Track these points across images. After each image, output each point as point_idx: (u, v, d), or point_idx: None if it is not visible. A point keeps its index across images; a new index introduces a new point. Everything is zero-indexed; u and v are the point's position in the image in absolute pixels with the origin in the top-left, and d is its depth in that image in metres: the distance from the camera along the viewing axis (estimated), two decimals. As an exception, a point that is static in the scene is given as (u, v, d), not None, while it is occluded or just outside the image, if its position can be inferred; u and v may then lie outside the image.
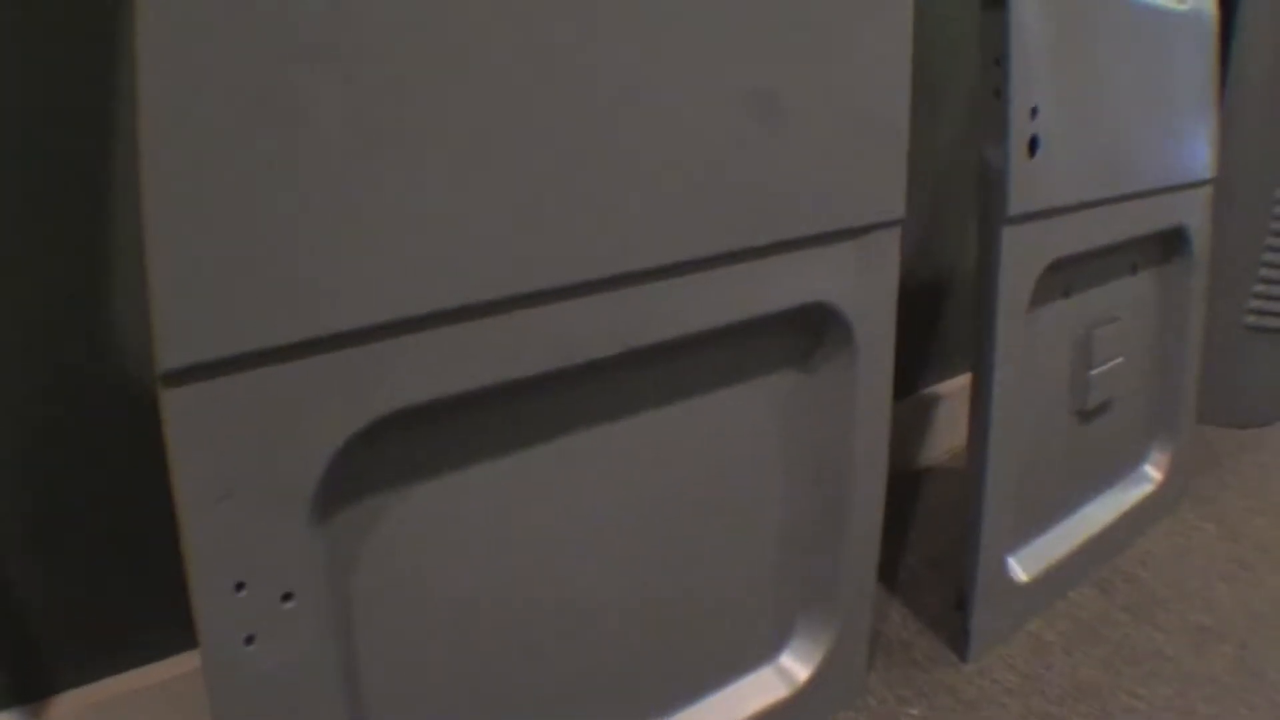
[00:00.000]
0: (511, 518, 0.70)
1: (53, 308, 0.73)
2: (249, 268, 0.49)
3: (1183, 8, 1.25)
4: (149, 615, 0.84)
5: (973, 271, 1.52)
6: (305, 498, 0.55)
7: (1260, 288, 1.72)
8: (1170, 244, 1.33)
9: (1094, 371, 1.20)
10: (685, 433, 0.79)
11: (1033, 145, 0.96)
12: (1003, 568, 1.13)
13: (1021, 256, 0.99)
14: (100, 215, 0.74)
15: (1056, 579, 1.23)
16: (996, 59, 0.94)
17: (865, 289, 0.84)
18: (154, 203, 0.46)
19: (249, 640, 0.55)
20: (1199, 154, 1.33)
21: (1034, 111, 0.96)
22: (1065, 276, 1.12)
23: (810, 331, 0.85)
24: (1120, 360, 1.25)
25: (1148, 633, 1.23)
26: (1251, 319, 1.73)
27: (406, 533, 0.65)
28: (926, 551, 1.37)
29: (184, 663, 0.87)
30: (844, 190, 0.80)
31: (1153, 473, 1.41)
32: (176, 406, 0.49)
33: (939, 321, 1.47)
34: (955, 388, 1.62)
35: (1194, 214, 1.33)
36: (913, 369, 1.55)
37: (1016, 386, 1.03)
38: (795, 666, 0.97)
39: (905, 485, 1.57)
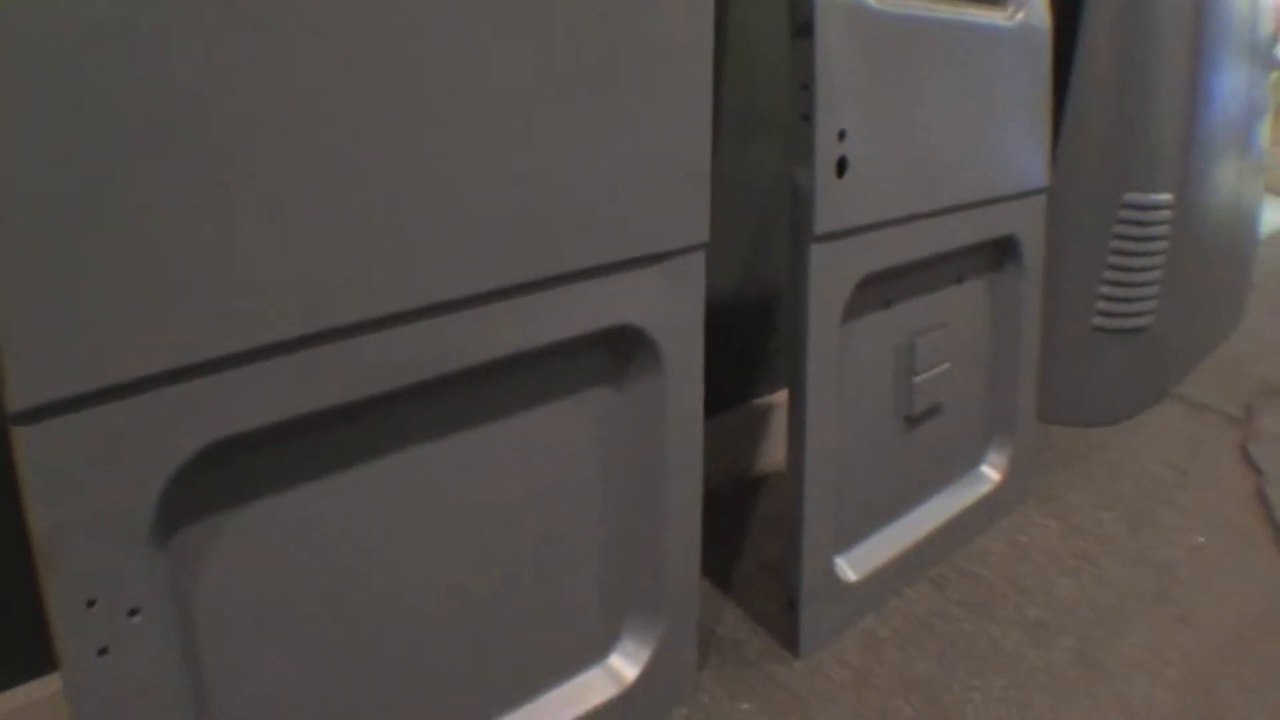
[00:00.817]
0: (341, 533, 0.83)
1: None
2: (81, 320, 0.62)
3: (1010, 23, 1.43)
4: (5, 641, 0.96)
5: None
6: (145, 520, 0.68)
7: (1105, 289, 1.92)
8: (1001, 252, 1.51)
9: (918, 378, 1.38)
10: (505, 448, 0.94)
11: (841, 166, 1.13)
12: (830, 568, 1.30)
13: (831, 273, 1.15)
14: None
15: (889, 577, 1.40)
16: (804, 84, 1.09)
17: (671, 310, 1.00)
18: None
19: (102, 652, 0.68)
20: (1030, 164, 1.51)
21: (842, 134, 1.12)
22: (885, 288, 1.29)
23: (620, 351, 1.00)
24: (946, 366, 1.43)
25: (984, 627, 1.41)
26: (1098, 320, 1.94)
27: (244, 549, 0.77)
28: (761, 555, 1.53)
29: (44, 686, 0.99)
30: (646, 218, 0.95)
31: (991, 473, 1.60)
32: (24, 442, 0.63)
33: (768, 334, 1.63)
34: (786, 397, 1.80)
35: (1025, 223, 1.51)
36: (744, 380, 1.72)
37: (832, 397, 1.20)
38: (624, 666, 1.12)
39: (742, 492, 1.72)
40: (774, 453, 1.79)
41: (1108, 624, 1.42)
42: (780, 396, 1.78)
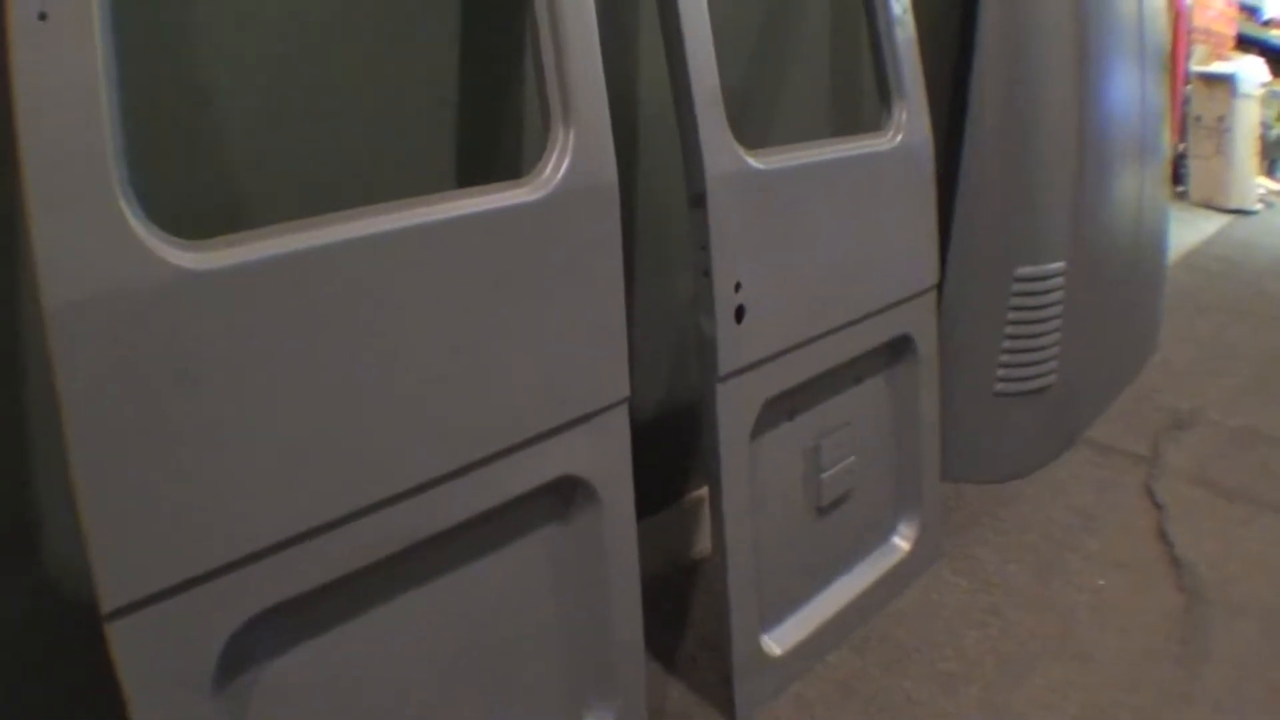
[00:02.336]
0: (346, 663, 1.11)
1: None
2: (155, 537, 0.90)
3: (890, 145, 1.73)
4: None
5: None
6: (207, 678, 0.96)
7: (1005, 358, 2.23)
8: (896, 349, 1.80)
9: (825, 474, 1.66)
10: (474, 584, 1.21)
11: (739, 313, 1.41)
12: (758, 646, 1.58)
13: (736, 404, 1.43)
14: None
15: (813, 647, 1.69)
16: (702, 246, 1.38)
17: (603, 455, 1.28)
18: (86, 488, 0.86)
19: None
20: (920, 267, 1.81)
21: (738, 286, 1.40)
22: (789, 403, 1.58)
23: (563, 495, 1.28)
24: (851, 459, 1.72)
25: (898, 683, 1.69)
26: (999, 386, 2.24)
27: (284, 687, 1.05)
28: (702, 633, 1.81)
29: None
30: (578, 386, 1.23)
31: (901, 543, 1.89)
32: (114, 633, 0.90)
33: (698, 436, 1.91)
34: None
35: (917, 321, 1.81)
36: (681, 476, 2.00)
37: (746, 502, 1.48)
38: (584, 746, 1.41)
39: (684, 576, 1.98)
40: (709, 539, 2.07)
41: (1012, 669, 1.71)
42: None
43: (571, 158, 1.18)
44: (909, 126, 1.73)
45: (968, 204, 2.16)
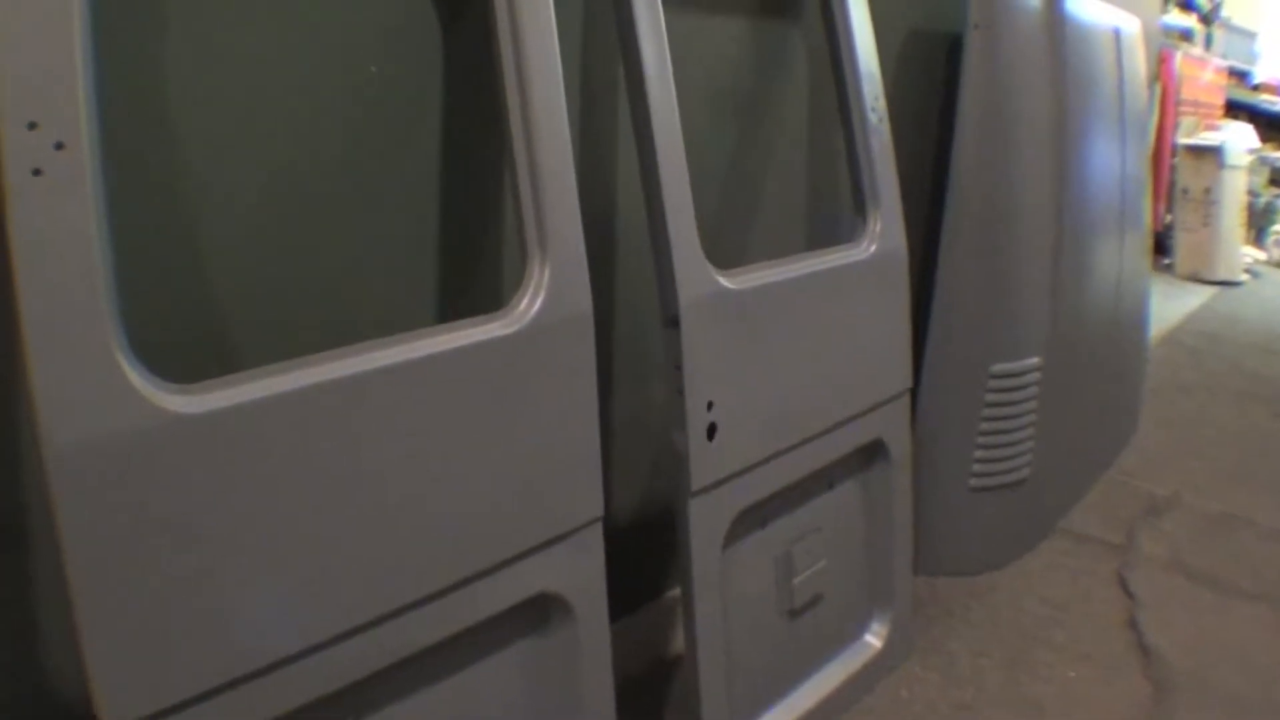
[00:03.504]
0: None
1: None
2: (145, 664, 0.93)
3: (864, 255, 1.77)
4: None
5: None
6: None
7: (980, 453, 2.27)
8: (869, 453, 1.85)
9: (797, 579, 1.70)
10: (456, 693, 1.25)
11: (711, 431, 1.46)
12: (727, 746, 1.62)
13: (708, 518, 1.47)
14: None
15: (785, 748, 1.73)
16: (676, 365, 1.43)
17: (578, 572, 1.32)
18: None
19: None
20: (893, 371, 1.85)
21: (710, 405, 1.45)
22: (760, 511, 1.61)
23: (539, 610, 1.32)
24: (822, 563, 1.76)
25: None
26: (974, 481, 2.28)
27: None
28: (679, 730, 1.85)
29: None
30: (554, 506, 1.27)
31: (873, 641, 1.93)
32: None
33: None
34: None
35: (890, 425, 1.85)
36: (660, 575, 2.01)
37: (718, 610, 1.51)
38: None
39: (665, 670, 1.99)
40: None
41: None
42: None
43: (547, 291, 1.22)
44: (884, 235, 1.78)
45: (944, 301, 2.20)
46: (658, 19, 1.38)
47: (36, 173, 0.83)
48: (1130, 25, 2.81)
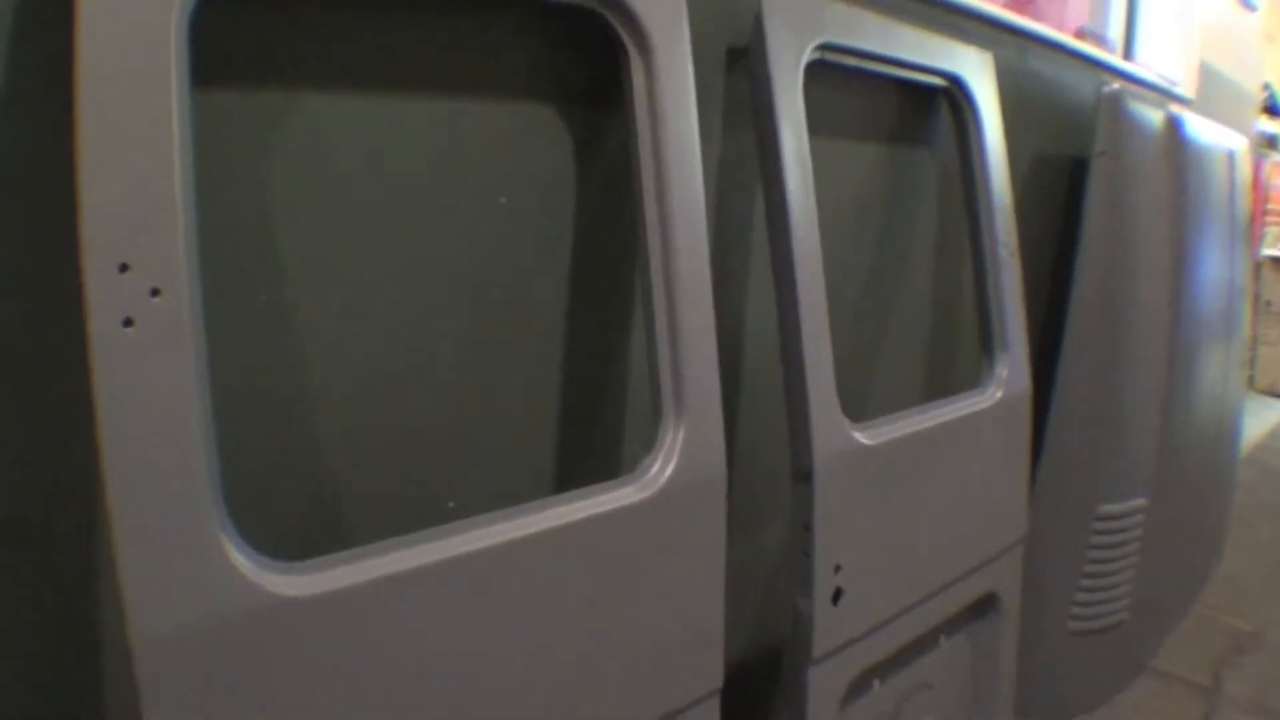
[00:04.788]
0: None
1: None
2: None
3: (989, 403, 1.64)
4: None
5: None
6: None
7: (1082, 595, 2.13)
8: (981, 605, 1.72)
9: (906, 735, 1.58)
10: None
11: (837, 595, 1.33)
12: None
13: (827, 685, 1.35)
14: None
15: None
16: (805, 525, 1.31)
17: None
18: None
19: None
20: (1009, 522, 1.72)
21: (837, 568, 1.33)
22: (874, 671, 1.49)
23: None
24: (929, 718, 1.63)
25: None
26: (1074, 625, 2.14)
27: None
28: None
29: None
30: (671, 680, 1.14)
31: (969, 795, 1.79)
32: None
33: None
34: None
35: (1003, 578, 1.72)
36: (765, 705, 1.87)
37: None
38: None
39: None
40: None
41: None
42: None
43: (680, 454, 1.11)
44: (1009, 380, 1.66)
45: (1056, 439, 2.07)
46: (804, 151, 1.28)
47: (128, 323, 0.72)
48: (1240, 145, 2.69)
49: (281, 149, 0.93)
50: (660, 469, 1.10)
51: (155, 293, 0.72)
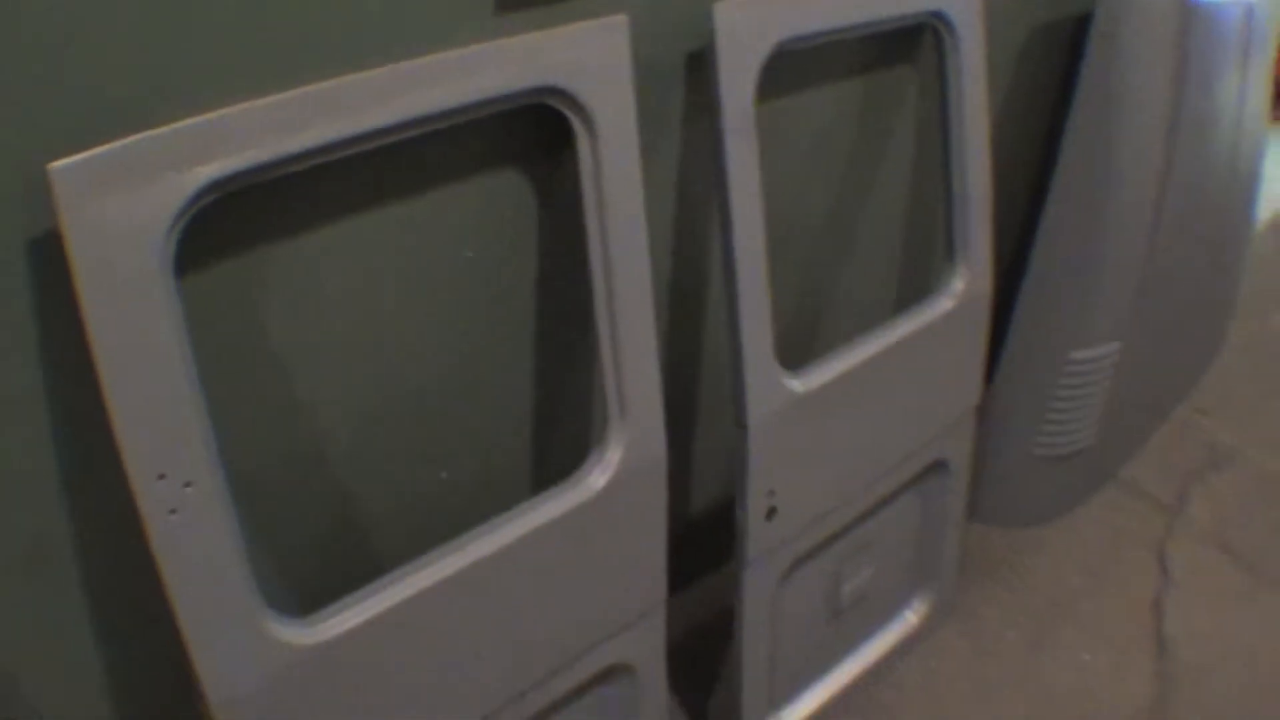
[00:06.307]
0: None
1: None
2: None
3: (948, 306, 1.82)
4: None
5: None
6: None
7: (1048, 427, 2.36)
8: (929, 470, 1.98)
9: (844, 588, 1.87)
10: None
11: (770, 513, 1.61)
12: (766, 721, 1.84)
13: (762, 577, 1.64)
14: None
15: (820, 717, 1.95)
16: (742, 461, 1.55)
17: (644, 643, 1.52)
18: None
19: None
20: (962, 394, 1.96)
21: (771, 492, 1.60)
22: (813, 547, 1.78)
23: (611, 674, 1.52)
24: (870, 572, 1.92)
25: None
26: (1039, 450, 2.39)
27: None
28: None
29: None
30: (625, 603, 1.48)
31: (912, 618, 2.10)
32: None
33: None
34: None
35: (953, 446, 1.97)
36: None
37: (765, 629, 1.70)
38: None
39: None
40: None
41: None
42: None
43: (625, 448, 1.38)
44: (969, 283, 1.83)
45: (1032, 289, 2.28)
46: (752, 157, 1.43)
47: (172, 511, 1.00)
48: None
49: (277, 280, 1.18)
50: (610, 460, 1.38)
51: (188, 484, 1.00)
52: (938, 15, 1.72)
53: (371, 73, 1.02)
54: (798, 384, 1.58)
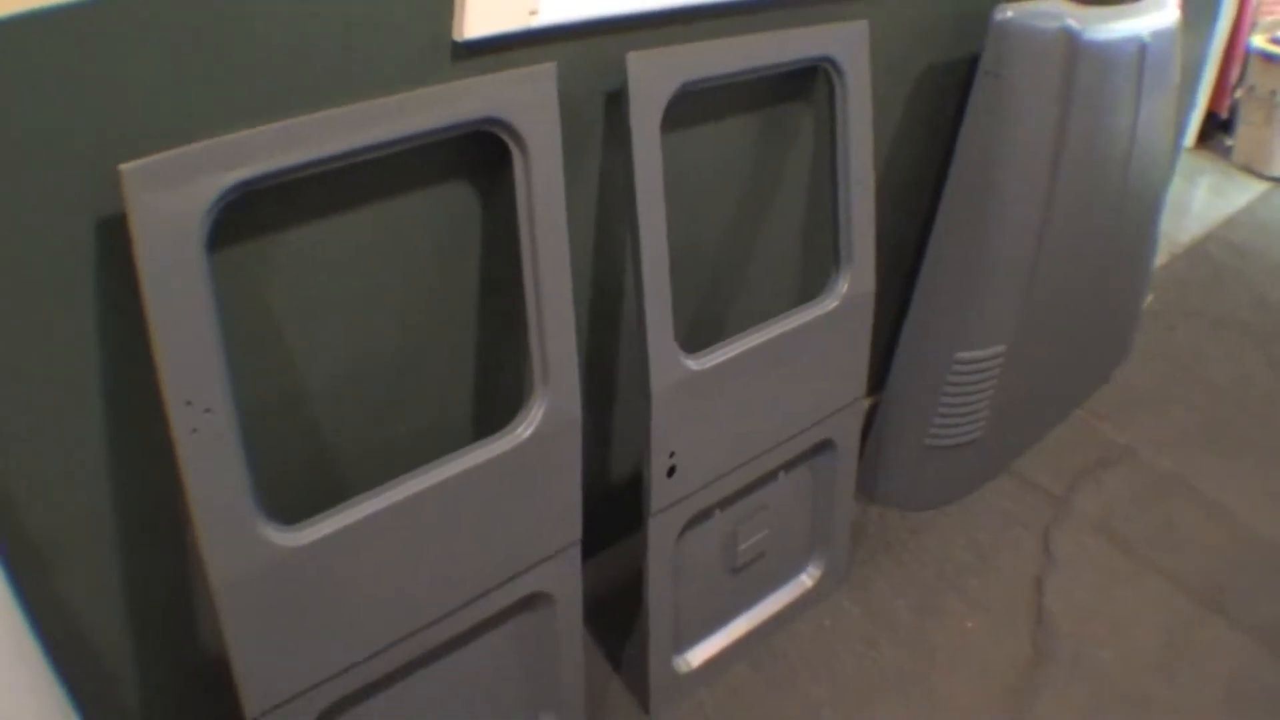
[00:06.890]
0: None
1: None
2: (291, 656, 1.55)
3: (831, 306, 2.17)
4: None
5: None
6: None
7: (938, 420, 2.71)
8: (819, 447, 2.34)
9: (741, 547, 2.21)
10: (466, 661, 1.85)
11: (671, 471, 1.98)
12: (671, 662, 2.17)
13: (664, 528, 1.99)
14: None
15: (719, 663, 2.27)
16: (646, 426, 1.89)
17: (561, 577, 1.88)
18: None
19: None
20: (848, 385, 2.31)
21: (672, 454, 1.96)
22: (710, 505, 2.15)
23: (530, 602, 1.89)
24: (765, 533, 2.27)
25: (775, 699, 2.23)
26: (929, 441, 2.74)
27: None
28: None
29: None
30: (544, 540, 1.83)
31: (807, 580, 2.45)
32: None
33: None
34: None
35: (841, 427, 2.33)
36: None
37: (668, 580, 2.02)
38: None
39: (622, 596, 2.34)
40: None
41: (868, 698, 2.24)
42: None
43: (546, 407, 1.72)
44: (852, 286, 2.14)
45: (921, 299, 2.59)
46: (657, 181, 1.74)
47: (194, 430, 1.32)
48: (1164, 22, 2.76)
49: (288, 257, 1.52)
50: (534, 416, 1.71)
51: (208, 410, 1.33)
52: (827, 59, 2.04)
53: (358, 105, 1.30)
54: (694, 363, 1.92)
